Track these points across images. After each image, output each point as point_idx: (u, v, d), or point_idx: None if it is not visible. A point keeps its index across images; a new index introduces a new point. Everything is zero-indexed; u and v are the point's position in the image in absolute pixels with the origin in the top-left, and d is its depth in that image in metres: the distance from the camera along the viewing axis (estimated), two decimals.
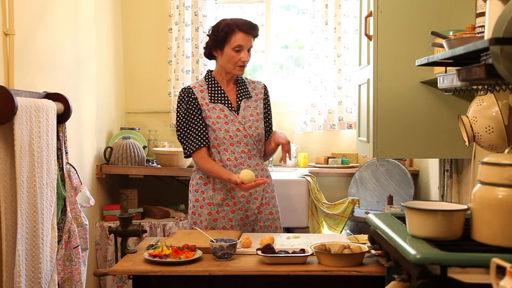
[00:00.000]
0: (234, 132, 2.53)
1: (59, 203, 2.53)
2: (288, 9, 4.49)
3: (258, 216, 2.58)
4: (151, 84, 4.22)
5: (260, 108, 2.64)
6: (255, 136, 2.58)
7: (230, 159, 2.53)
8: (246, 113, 2.59)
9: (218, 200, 2.54)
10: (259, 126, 2.60)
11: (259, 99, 2.66)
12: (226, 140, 2.52)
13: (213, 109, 2.55)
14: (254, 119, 2.60)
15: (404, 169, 3.67)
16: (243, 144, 2.55)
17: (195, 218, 2.56)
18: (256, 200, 2.56)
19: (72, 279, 2.59)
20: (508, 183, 1.34)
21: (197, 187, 2.58)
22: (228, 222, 2.53)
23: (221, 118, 2.54)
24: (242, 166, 2.53)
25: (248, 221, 2.55)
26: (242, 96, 2.62)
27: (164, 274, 1.90)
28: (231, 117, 2.56)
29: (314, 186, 3.59)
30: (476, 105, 2.00)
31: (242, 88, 2.64)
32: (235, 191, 2.52)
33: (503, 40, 1.24)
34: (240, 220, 2.54)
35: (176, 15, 4.09)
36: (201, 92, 2.57)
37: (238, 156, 2.54)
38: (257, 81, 2.73)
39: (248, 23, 2.53)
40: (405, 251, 1.34)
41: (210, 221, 2.53)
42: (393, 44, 2.56)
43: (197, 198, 2.57)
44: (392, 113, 2.58)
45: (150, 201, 3.96)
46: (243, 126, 2.55)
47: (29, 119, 2.26)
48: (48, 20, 2.82)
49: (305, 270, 1.87)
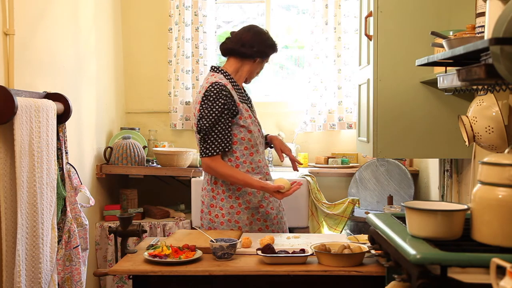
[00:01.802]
0: (257, 133, 2.53)
1: (59, 203, 2.53)
2: (288, 9, 4.49)
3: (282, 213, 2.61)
4: (151, 84, 4.22)
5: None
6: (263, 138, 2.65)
7: (261, 160, 2.53)
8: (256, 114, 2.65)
9: (256, 204, 2.48)
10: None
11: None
12: (258, 141, 2.52)
13: (243, 109, 2.46)
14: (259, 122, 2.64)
15: (404, 169, 3.67)
16: (261, 146, 2.59)
17: (232, 226, 2.45)
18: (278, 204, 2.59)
19: (72, 279, 2.59)
20: (508, 183, 1.34)
21: (230, 193, 2.46)
22: (263, 223, 2.51)
23: (251, 118, 2.49)
24: (267, 167, 2.58)
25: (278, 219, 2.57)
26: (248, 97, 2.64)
27: (164, 274, 1.90)
28: (254, 118, 2.55)
29: (314, 186, 3.59)
30: (476, 105, 2.00)
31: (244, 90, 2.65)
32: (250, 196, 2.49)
33: (503, 40, 1.24)
34: (273, 218, 2.55)
35: (176, 15, 4.09)
36: (232, 90, 2.44)
37: (264, 157, 2.58)
38: None
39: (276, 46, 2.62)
40: (405, 251, 1.34)
41: (249, 225, 2.48)
42: (393, 44, 2.56)
43: (232, 204, 2.46)
44: (392, 113, 2.58)
45: (150, 201, 3.96)
46: (259, 128, 2.59)
47: (29, 119, 2.26)
48: (48, 20, 2.82)
49: (305, 270, 1.87)
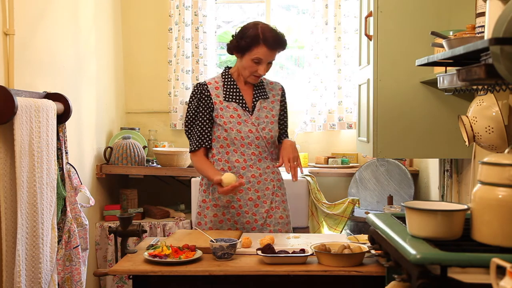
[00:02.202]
0: (246, 133, 2.45)
1: (59, 203, 2.53)
2: (288, 9, 4.49)
3: (268, 220, 2.48)
4: (151, 84, 4.23)
5: (276, 110, 2.56)
6: (268, 139, 2.49)
7: (239, 160, 2.46)
8: (260, 114, 2.50)
9: (224, 202, 2.47)
10: (273, 128, 2.52)
11: (276, 101, 2.57)
12: (237, 141, 2.45)
13: (226, 107, 2.47)
14: (268, 121, 2.51)
15: (404, 169, 3.67)
16: (254, 146, 2.47)
17: (200, 219, 2.51)
18: (265, 203, 2.47)
19: (72, 279, 2.59)
20: (508, 183, 1.34)
21: (205, 187, 2.52)
22: (233, 224, 2.47)
23: (234, 117, 2.46)
24: (251, 168, 2.46)
25: (256, 225, 2.46)
26: (259, 97, 2.53)
27: (164, 274, 1.90)
28: (244, 118, 2.47)
29: (314, 186, 3.59)
30: (476, 105, 2.00)
31: (260, 88, 2.55)
32: (241, 193, 2.45)
33: (503, 40, 1.24)
34: (246, 223, 2.46)
35: (176, 15, 4.09)
36: (216, 89, 2.49)
37: (248, 158, 2.46)
38: (275, 82, 2.63)
39: (276, 39, 2.41)
40: (405, 251, 1.34)
41: (215, 223, 2.48)
42: (393, 44, 2.56)
43: (204, 198, 2.51)
44: (392, 113, 2.58)
45: (150, 201, 3.96)
46: (256, 128, 2.47)
47: (29, 119, 2.26)
48: (48, 20, 2.82)
49: (305, 270, 1.87)
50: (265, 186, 2.49)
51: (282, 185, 2.59)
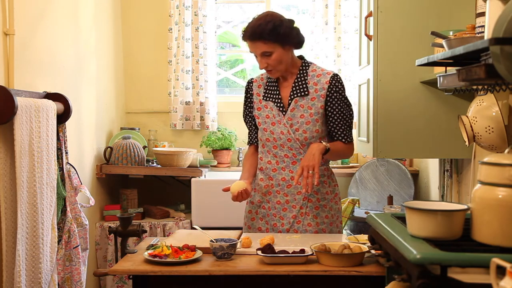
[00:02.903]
0: (278, 135, 2.34)
1: (59, 203, 2.53)
2: (288, 9, 4.49)
3: (295, 226, 2.37)
4: (151, 84, 4.22)
5: (316, 107, 2.31)
6: (302, 140, 2.32)
7: (271, 162, 2.38)
8: (295, 114, 2.33)
9: (256, 201, 2.44)
10: (309, 129, 2.31)
11: (318, 97, 2.32)
12: (270, 142, 2.37)
13: (264, 107, 2.39)
14: (303, 121, 2.32)
15: (404, 169, 3.67)
16: (286, 148, 2.35)
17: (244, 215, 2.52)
18: (293, 208, 2.36)
19: (72, 279, 2.59)
20: (508, 183, 1.34)
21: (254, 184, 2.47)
22: (264, 224, 2.43)
23: (269, 117, 2.37)
24: (283, 171, 2.36)
25: (282, 228, 2.37)
26: (296, 94, 2.33)
27: (164, 274, 1.90)
28: (278, 118, 2.35)
29: None
30: (476, 105, 2.00)
31: (300, 84, 2.34)
32: (270, 195, 2.40)
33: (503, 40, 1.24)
34: (274, 226, 2.40)
35: (176, 15, 4.09)
36: (259, 87, 2.43)
37: (280, 160, 2.37)
38: (324, 74, 2.35)
39: (250, 30, 2.26)
40: (405, 251, 1.34)
41: (248, 219, 2.48)
42: (393, 44, 2.56)
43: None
44: (392, 113, 2.58)
45: (150, 201, 3.96)
46: (288, 129, 2.32)
47: (29, 119, 2.26)
48: (48, 20, 2.82)
49: (305, 270, 1.87)
50: (297, 190, 2.36)
51: (323, 189, 2.39)
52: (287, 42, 2.29)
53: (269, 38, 2.25)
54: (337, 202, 2.46)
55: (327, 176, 2.42)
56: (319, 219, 2.38)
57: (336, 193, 2.46)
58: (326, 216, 2.40)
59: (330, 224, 2.41)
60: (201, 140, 4.07)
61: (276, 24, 2.25)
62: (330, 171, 2.47)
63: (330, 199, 2.42)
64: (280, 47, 2.28)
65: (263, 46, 2.27)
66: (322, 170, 2.37)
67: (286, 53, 2.30)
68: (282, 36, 2.26)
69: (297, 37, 2.33)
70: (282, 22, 2.27)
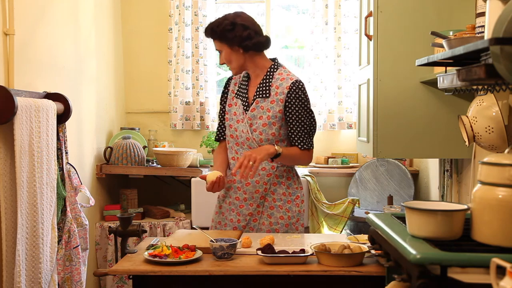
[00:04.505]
0: (240, 132, 2.41)
1: (59, 203, 2.53)
2: (288, 9, 4.49)
3: (251, 223, 2.43)
4: (151, 84, 4.23)
5: (274, 111, 2.35)
6: (258, 141, 2.36)
7: (234, 158, 2.46)
8: (255, 114, 2.37)
9: (221, 196, 2.54)
10: (265, 131, 2.35)
11: (278, 101, 2.35)
12: (233, 139, 2.44)
13: (234, 104, 2.46)
14: (261, 123, 2.35)
15: (404, 169, 3.67)
16: (246, 147, 2.40)
17: None
18: (250, 206, 2.42)
19: (72, 279, 2.59)
20: (508, 183, 1.34)
21: None
22: (224, 219, 2.51)
23: (236, 115, 2.44)
24: None
25: (238, 225, 2.44)
26: (258, 95, 2.39)
27: (164, 274, 1.90)
28: (241, 116, 2.41)
29: (314, 186, 3.59)
30: (476, 105, 2.00)
31: (264, 86, 2.39)
32: (231, 190, 2.46)
33: (503, 40, 1.24)
34: (230, 221, 2.47)
35: (176, 15, 4.09)
36: (235, 84, 2.52)
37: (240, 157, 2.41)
38: (287, 78, 2.38)
39: (207, 26, 2.41)
40: (405, 251, 1.34)
41: (213, 213, 2.57)
42: (393, 44, 2.56)
43: None
44: (392, 113, 2.58)
45: (150, 201, 3.96)
46: (248, 128, 2.38)
47: (29, 119, 2.26)
48: (48, 20, 2.82)
49: (305, 270, 1.87)
50: (255, 188, 2.41)
51: (280, 190, 2.43)
52: (233, 44, 2.36)
53: (215, 37, 2.38)
54: (298, 204, 2.46)
55: (286, 177, 2.44)
56: (273, 219, 2.42)
57: (298, 195, 2.47)
58: (281, 217, 2.42)
59: (286, 226, 2.43)
60: (201, 140, 4.07)
61: (226, 25, 2.35)
62: (293, 173, 2.48)
63: (288, 200, 2.43)
64: (227, 47, 2.37)
65: (215, 43, 2.42)
66: (281, 170, 2.42)
67: (234, 54, 2.37)
68: (227, 38, 2.35)
69: (247, 40, 2.35)
70: (234, 25, 2.35)
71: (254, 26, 2.38)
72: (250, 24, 2.37)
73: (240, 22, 2.35)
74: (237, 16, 2.40)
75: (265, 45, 2.41)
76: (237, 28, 2.34)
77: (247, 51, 2.37)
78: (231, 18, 2.38)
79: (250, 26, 2.36)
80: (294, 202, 2.45)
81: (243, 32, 2.34)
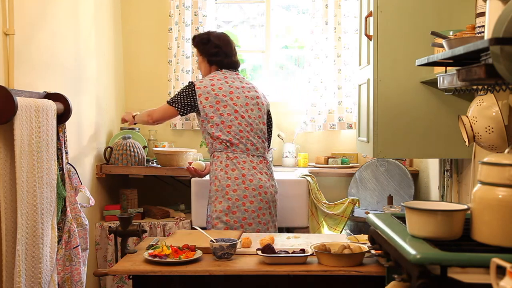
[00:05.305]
0: None
1: (59, 203, 2.53)
2: (288, 9, 4.49)
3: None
4: (151, 84, 4.22)
5: None
6: None
7: None
8: None
9: None
10: None
11: None
12: None
13: None
14: None
15: (404, 169, 3.67)
16: None
17: None
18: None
19: (72, 279, 2.59)
20: (508, 183, 1.34)
21: None
22: None
23: None
24: None
25: None
26: None
27: (164, 274, 1.90)
28: None
29: (314, 186, 3.59)
30: (476, 105, 2.00)
31: None
32: None
33: (503, 40, 1.24)
34: None
35: (176, 15, 4.09)
36: None
37: None
38: None
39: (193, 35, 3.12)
40: (405, 251, 1.34)
41: None
42: (393, 44, 2.56)
43: None
44: (392, 113, 2.58)
45: (150, 201, 3.96)
46: None
47: (29, 119, 2.26)
48: (48, 20, 2.82)
49: (305, 270, 1.87)
50: None
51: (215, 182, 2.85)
52: (203, 55, 3.00)
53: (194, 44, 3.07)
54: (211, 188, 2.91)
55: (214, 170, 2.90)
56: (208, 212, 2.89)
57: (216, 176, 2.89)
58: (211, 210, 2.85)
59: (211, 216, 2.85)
60: (201, 140, 4.07)
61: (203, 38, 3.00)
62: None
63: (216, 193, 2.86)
64: (199, 55, 3.02)
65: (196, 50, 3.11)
66: None
67: (202, 63, 3.01)
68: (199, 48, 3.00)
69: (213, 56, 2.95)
70: (208, 41, 2.97)
71: (226, 48, 2.94)
72: (222, 45, 2.93)
73: (214, 40, 2.94)
74: (217, 36, 2.98)
75: (228, 66, 2.96)
76: (210, 44, 2.94)
77: (211, 65, 2.97)
78: (211, 35, 2.98)
79: (222, 47, 2.93)
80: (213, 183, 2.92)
81: (213, 49, 2.93)
